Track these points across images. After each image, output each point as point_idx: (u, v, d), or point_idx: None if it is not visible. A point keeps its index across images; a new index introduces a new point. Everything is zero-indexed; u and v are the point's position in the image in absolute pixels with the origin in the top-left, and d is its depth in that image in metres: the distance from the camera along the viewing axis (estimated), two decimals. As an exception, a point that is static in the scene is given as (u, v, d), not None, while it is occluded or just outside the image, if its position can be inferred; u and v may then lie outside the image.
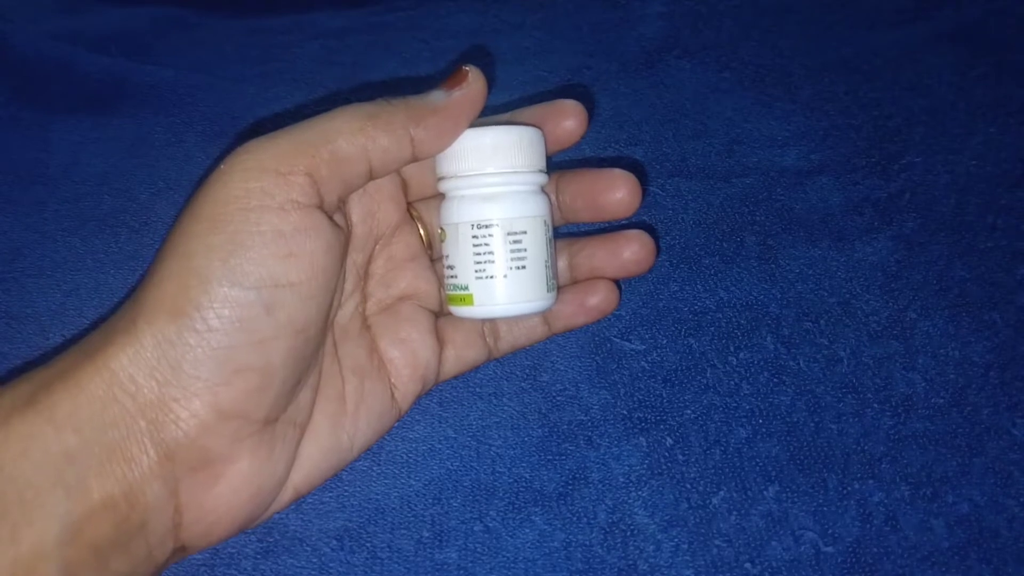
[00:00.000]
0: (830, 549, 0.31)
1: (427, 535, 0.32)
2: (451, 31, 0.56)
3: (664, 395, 0.36)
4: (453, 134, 0.31)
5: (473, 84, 0.30)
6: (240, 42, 0.56)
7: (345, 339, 0.32)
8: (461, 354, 0.34)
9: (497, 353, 0.35)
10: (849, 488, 0.33)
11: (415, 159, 0.30)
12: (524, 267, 0.32)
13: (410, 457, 0.34)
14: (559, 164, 0.42)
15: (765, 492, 0.33)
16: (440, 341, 0.33)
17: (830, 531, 0.32)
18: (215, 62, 0.54)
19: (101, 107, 0.50)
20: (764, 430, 0.35)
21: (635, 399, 0.36)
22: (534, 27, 0.56)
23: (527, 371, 0.37)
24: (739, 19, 0.55)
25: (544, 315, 0.35)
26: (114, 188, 0.45)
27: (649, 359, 0.37)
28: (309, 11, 0.60)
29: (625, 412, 0.36)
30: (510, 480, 0.34)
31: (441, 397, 0.36)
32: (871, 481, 0.33)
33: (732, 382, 0.36)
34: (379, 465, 0.34)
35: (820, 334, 0.38)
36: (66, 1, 0.62)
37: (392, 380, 0.32)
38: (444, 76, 0.31)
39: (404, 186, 0.34)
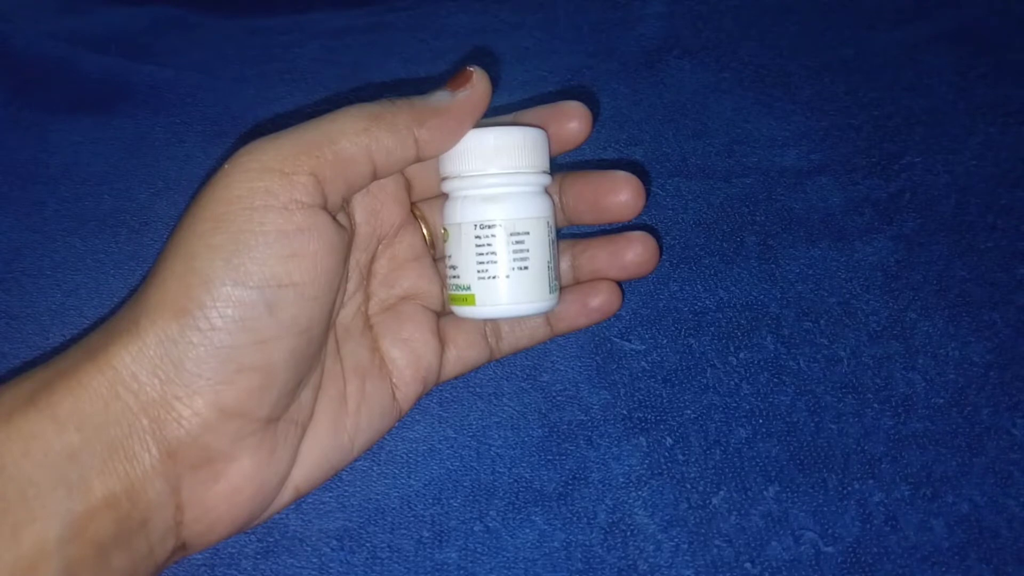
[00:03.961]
0: (830, 549, 0.31)
1: (427, 535, 0.32)
2: (451, 31, 0.56)
3: (664, 395, 0.36)
4: (457, 135, 0.31)
5: (478, 85, 0.30)
6: (240, 42, 0.57)
7: (347, 339, 0.32)
8: (463, 354, 0.34)
9: (499, 354, 0.35)
10: (849, 488, 0.33)
11: (419, 159, 0.30)
12: (526, 268, 0.31)
13: (410, 457, 0.34)
14: (560, 165, 0.42)
15: (765, 492, 0.33)
16: (442, 341, 0.33)
17: (830, 531, 0.32)
18: (215, 62, 0.54)
19: (101, 107, 0.50)
20: (764, 430, 0.35)
21: (635, 399, 0.36)
22: (534, 27, 0.56)
23: (527, 371, 0.37)
24: (739, 19, 0.55)
25: (546, 316, 0.35)
26: (114, 188, 0.45)
27: (649, 359, 0.37)
28: (309, 11, 0.60)
29: (625, 412, 0.36)
30: (510, 480, 0.33)
31: (441, 397, 0.36)
32: (871, 481, 0.33)
33: (732, 382, 0.36)
34: (379, 465, 0.34)
35: (820, 334, 0.38)
36: (66, 1, 0.62)
37: (393, 380, 0.32)
38: (448, 76, 0.31)
39: (408, 186, 0.34)
